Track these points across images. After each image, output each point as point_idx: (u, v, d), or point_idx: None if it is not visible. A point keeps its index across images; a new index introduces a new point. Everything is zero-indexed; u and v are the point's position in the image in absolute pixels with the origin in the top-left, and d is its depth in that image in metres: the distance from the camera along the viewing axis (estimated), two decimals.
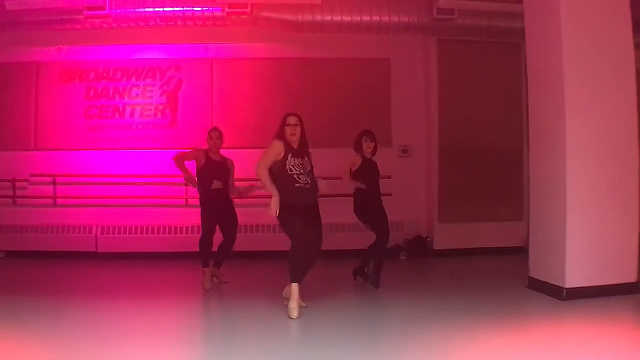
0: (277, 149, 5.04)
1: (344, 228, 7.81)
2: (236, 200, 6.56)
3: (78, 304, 5.49)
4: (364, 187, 6.02)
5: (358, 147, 6.17)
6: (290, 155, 5.03)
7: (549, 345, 4.17)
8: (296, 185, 5.00)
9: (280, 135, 5.12)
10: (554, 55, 5.57)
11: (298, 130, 5.11)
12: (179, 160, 6.23)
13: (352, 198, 6.19)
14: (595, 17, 5.55)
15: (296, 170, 5.00)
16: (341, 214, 6.70)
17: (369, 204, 6.10)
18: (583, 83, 5.46)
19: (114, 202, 8.07)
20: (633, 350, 4.07)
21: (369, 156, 6.20)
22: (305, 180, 5.05)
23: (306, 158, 5.14)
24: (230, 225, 6.29)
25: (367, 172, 6.11)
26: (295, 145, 5.09)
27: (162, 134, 8.18)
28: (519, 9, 6.33)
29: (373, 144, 6.18)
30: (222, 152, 6.34)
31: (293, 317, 4.77)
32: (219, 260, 6.33)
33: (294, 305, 4.83)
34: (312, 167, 5.19)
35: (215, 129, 6.42)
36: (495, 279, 6.69)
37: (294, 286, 4.91)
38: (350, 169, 6.10)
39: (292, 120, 5.13)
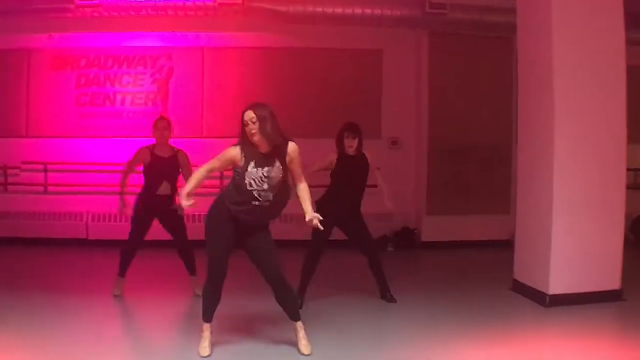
0: (227, 157, 4.01)
1: None
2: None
3: (68, 293, 5.63)
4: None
5: (339, 143, 5.33)
6: (252, 164, 3.94)
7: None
8: (253, 203, 3.94)
9: (241, 139, 4.02)
10: (544, 50, 5.56)
11: (258, 127, 3.91)
12: (124, 173, 5.60)
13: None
14: (587, 12, 5.49)
15: (257, 184, 3.92)
16: None
17: (337, 209, 5.20)
18: (573, 81, 5.44)
19: (105, 190, 8.04)
20: None
21: (352, 154, 5.35)
22: (266, 197, 3.96)
23: (276, 164, 3.98)
24: (174, 227, 5.61)
25: (344, 171, 5.31)
26: (262, 149, 3.97)
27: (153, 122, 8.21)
28: (510, 4, 6.35)
29: (356, 140, 5.28)
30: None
31: (204, 355, 4.06)
32: (190, 267, 5.71)
33: (204, 344, 4.11)
34: (284, 174, 4.03)
35: (162, 118, 5.74)
36: (480, 275, 6.77)
37: (205, 325, 4.17)
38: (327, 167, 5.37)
39: (247, 115, 3.94)
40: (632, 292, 5.64)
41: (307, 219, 4.09)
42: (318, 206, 5.02)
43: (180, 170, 5.54)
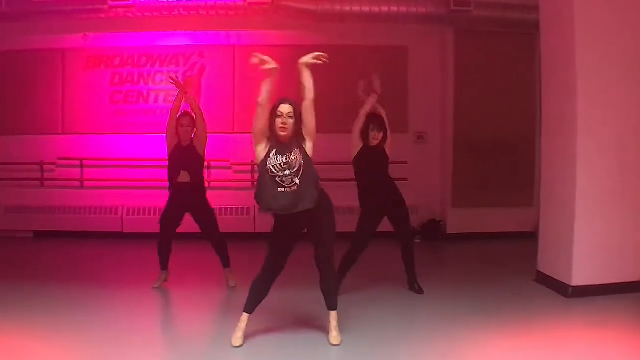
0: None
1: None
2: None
3: (104, 284, 5.82)
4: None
5: (364, 135, 5.54)
6: (274, 151, 4.02)
7: (554, 350, 4.21)
8: (279, 190, 3.95)
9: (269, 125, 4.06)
10: (567, 46, 5.59)
11: (291, 124, 4.03)
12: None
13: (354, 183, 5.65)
14: (610, 7, 5.50)
15: (277, 170, 3.96)
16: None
17: (377, 200, 5.46)
18: (596, 76, 5.47)
19: (139, 185, 8.34)
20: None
21: (374, 145, 5.56)
22: (291, 182, 3.97)
23: (294, 154, 4.01)
24: (203, 219, 5.72)
25: (365, 159, 5.53)
26: (282, 140, 4.03)
27: None
28: (533, 1, 6.42)
29: (381, 134, 5.51)
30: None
31: (236, 345, 4.13)
32: (223, 260, 5.83)
33: (239, 335, 4.16)
34: (304, 162, 4.03)
35: (186, 113, 5.64)
36: (504, 268, 6.77)
37: (244, 316, 4.21)
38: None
39: (285, 109, 4.06)
40: None
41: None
42: (362, 204, 5.50)
43: (199, 160, 5.63)
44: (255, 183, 4.17)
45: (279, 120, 4.01)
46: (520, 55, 8.43)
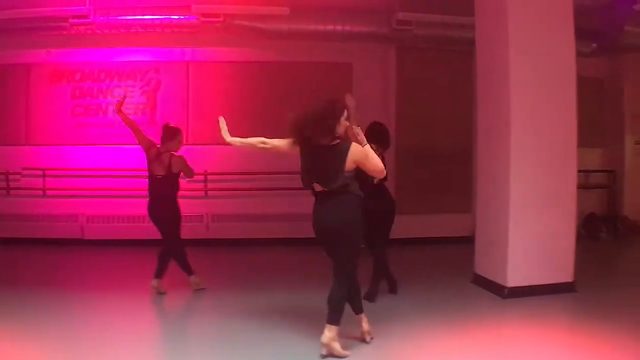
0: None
1: None
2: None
3: (68, 288, 6.14)
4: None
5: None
6: None
7: (492, 348, 4.44)
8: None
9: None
10: (501, 62, 5.90)
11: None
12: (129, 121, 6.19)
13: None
14: (541, 27, 5.84)
15: None
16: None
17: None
18: (528, 90, 5.78)
19: (99, 193, 8.73)
20: (570, 355, 4.34)
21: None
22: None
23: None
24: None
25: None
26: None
27: (143, 131, 8.77)
28: (470, 20, 6.81)
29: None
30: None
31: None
32: (184, 268, 6.15)
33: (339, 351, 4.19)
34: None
35: (178, 129, 6.27)
36: (444, 270, 7.16)
37: (333, 329, 4.18)
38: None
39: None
40: (584, 285, 6.01)
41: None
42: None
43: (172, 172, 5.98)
44: (347, 194, 4.23)
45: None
46: (458, 71, 8.90)
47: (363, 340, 4.52)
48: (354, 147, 4.15)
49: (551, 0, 5.93)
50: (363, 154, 4.12)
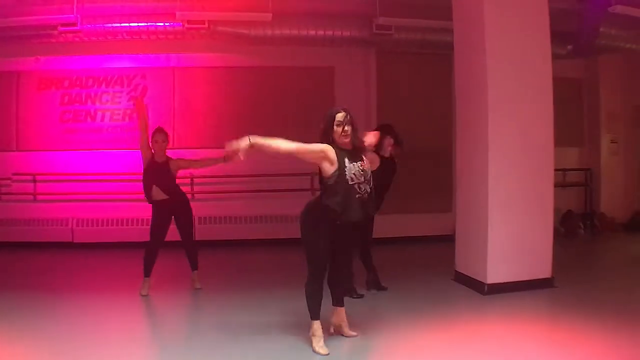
0: (319, 149, 4.10)
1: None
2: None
3: (53, 293, 6.13)
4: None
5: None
6: (347, 160, 4.11)
7: (474, 342, 4.51)
8: (357, 196, 4.09)
9: (327, 138, 4.17)
10: (478, 65, 6.00)
11: (350, 129, 4.16)
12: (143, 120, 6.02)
13: None
14: (517, 31, 5.94)
15: (357, 178, 4.08)
16: None
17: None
18: (505, 91, 5.88)
19: (88, 198, 8.87)
20: (550, 349, 4.38)
21: (387, 155, 5.95)
22: (365, 189, 4.14)
23: (365, 161, 4.24)
24: (183, 224, 6.20)
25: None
26: (347, 147, 4.17)
27: (130, 135, 8.83)
28: (448, 25, 6.95)
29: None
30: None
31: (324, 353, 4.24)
32: (192, 262, 6.32)
33: (319, 344, 4.28)
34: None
35: (160, 130, 6.08)
36: (425, 268, 7.28)
37: (316, 324, 4.32)
38: None
39: (342, 116, 4.15)
40: (562, 280, 6.13)
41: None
42: None
43: (170, 175, 6.00)
44: (320, 197, 4.26)
45: (338, 129, 4.14)
46: (437, 73, 9.12)
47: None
48: None
49: (527, 5, 6.06)
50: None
